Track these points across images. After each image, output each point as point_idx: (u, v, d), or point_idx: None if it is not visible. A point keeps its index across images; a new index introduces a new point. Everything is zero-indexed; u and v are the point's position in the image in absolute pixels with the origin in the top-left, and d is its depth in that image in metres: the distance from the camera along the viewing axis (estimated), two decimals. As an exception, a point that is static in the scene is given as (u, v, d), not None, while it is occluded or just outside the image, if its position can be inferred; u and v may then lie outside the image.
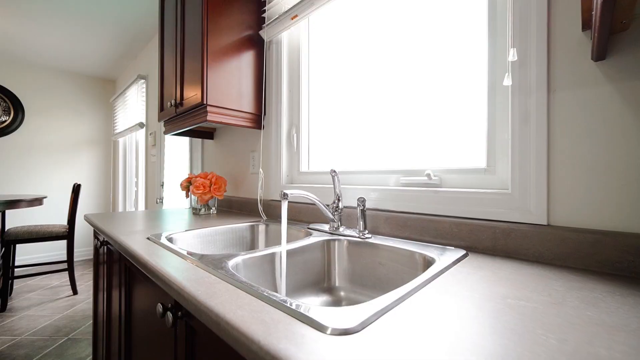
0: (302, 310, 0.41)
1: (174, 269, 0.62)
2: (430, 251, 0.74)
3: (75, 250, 3.95)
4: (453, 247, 0.79)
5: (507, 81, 0.67)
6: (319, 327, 0.38)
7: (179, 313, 0.59)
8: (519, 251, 0.70)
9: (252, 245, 1.21)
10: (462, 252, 0.74)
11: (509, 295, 0.48)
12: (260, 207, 1.46)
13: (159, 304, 0.62)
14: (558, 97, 0.67)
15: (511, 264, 0.66)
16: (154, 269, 0.64)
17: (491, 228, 0.75)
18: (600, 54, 0.60)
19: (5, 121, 3.42)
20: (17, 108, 3.49)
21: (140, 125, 3.03)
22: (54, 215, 3.75)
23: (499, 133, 0.81)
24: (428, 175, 0.90)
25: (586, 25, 0.63)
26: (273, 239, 1.18)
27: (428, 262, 0.71)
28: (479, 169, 0.85)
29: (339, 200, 0.99)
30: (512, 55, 0.66)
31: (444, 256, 0.70)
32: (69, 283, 3.01)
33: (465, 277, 0.57)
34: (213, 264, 0.64)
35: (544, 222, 0.68)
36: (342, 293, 0.87)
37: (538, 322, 0.39)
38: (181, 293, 0.52)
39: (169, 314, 0.58)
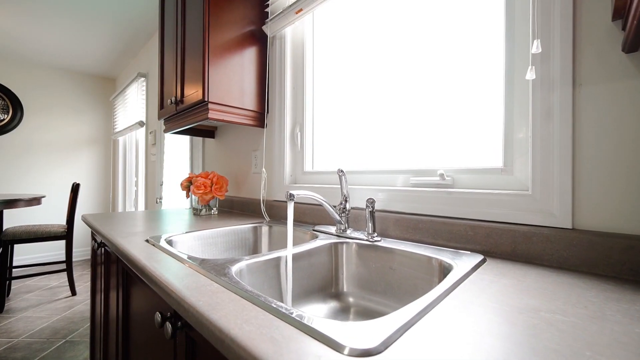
0: (315, 326, 0.37)
1: (174, 275, 0.58)
2: (445, 256, 0.70)
3: (74, 250, 3.92)
4: (469, 252, 0.74)
5: (530, 75, 0.63)
6: (336, 347, 0.34)
7: (179, 323, 0.55)
8: (542, 257, 0.66)
9: (255, 248, 1.17)
10: (480, 257, 0.69)
11: (542, 307, 0.44)
12: (263, 208, 1.41)
13: (158, 312, 0.58)
14: (584, 91, 0.63)
15: (535, 270, 0.61)
16: (152, 275, 0.59)
17: (510, 231, 0.70)
18: (633, 44, 0.55)
19: (3, 119, 3.38)
20: (15, 106, 3.45)
21: (140, 124, 2.99)
22: (52, 214, 3.71)
23: (517, 131, 0.76)
24: (441, 175, 0.85)
25: (617, 14, 0.58)
26: (277, 241, 1.14)
27: (444, 268, 0.67)
28: (495, 168, 0.81)
29: (346, 201, 0.95)
30: (535, 47, 0.61)
31: (460, 261, 0.65)
32: (67, 284, 2.97)
33: (488, 286, 0.52)
34: (215, 269, 0.60)
35: (568, 226, 0.64)
36: (350, 299, 0.82)
37: (582, 341, 0.35)
38: (181, 303, 0.48)
39: (168, 325, 0.53)
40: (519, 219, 0.71)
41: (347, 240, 0.89)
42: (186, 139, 2.38)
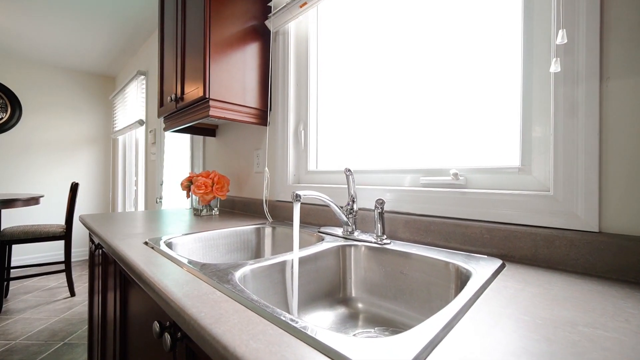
0: (332, 345, 0.33)
1: (173, 282, 0.54)
2: (460, 260, 0.66)
3: (73, 250, 3.88)
4: (485, 256, 0.70)
5: (555, 68, 0.59)
6: (356, 369, 0.30)
7: (179, 334, 0.51)
8: (565, 262, 0.62)
9: (258, 250, 1.13)
10: (498, 261, 0.65)
11: (578, 320, 0.40)
12: (265, 208, 1.37)
13: (156, 322, 0.54)
14: (612, 85, 0.59)
15: (560, 277, 0.57)
16: (151, 282, 0.55)
17: (530, 235, 0.66)
18: (670, 33, 0.51)
19: (2, 118, 3.34)
20: (14, 105, 3.41)
21: (140, 122, 2.95)
22: (51, 214, 3.67)
23: (536, 127, 0.72)
24: (455, 174, 0.81)
25: (651, 1, 0.54)
26: (281, 243, 1.10)
27: (461, 274, 0.63)
28: (512, 167, 0.76)
29: (353, 201, 0.91)
30: (560, 37, 0.57)
31: (478, 266, 0.61)
32: (66, 284, 2.94)
33: (514, 295, 0.48)
34: (218, 275, 0.56)
35: (594, 229, 0.60)
36: (359, 305, 0.78)
37: (635, 363, 0.31)
38: (181, 314, 0.44)
39: (167, 336, 0.49)
40: (539, 221, 0.67)
41: (355, 242, 0.85)
42: (186, 137, 2.34)
